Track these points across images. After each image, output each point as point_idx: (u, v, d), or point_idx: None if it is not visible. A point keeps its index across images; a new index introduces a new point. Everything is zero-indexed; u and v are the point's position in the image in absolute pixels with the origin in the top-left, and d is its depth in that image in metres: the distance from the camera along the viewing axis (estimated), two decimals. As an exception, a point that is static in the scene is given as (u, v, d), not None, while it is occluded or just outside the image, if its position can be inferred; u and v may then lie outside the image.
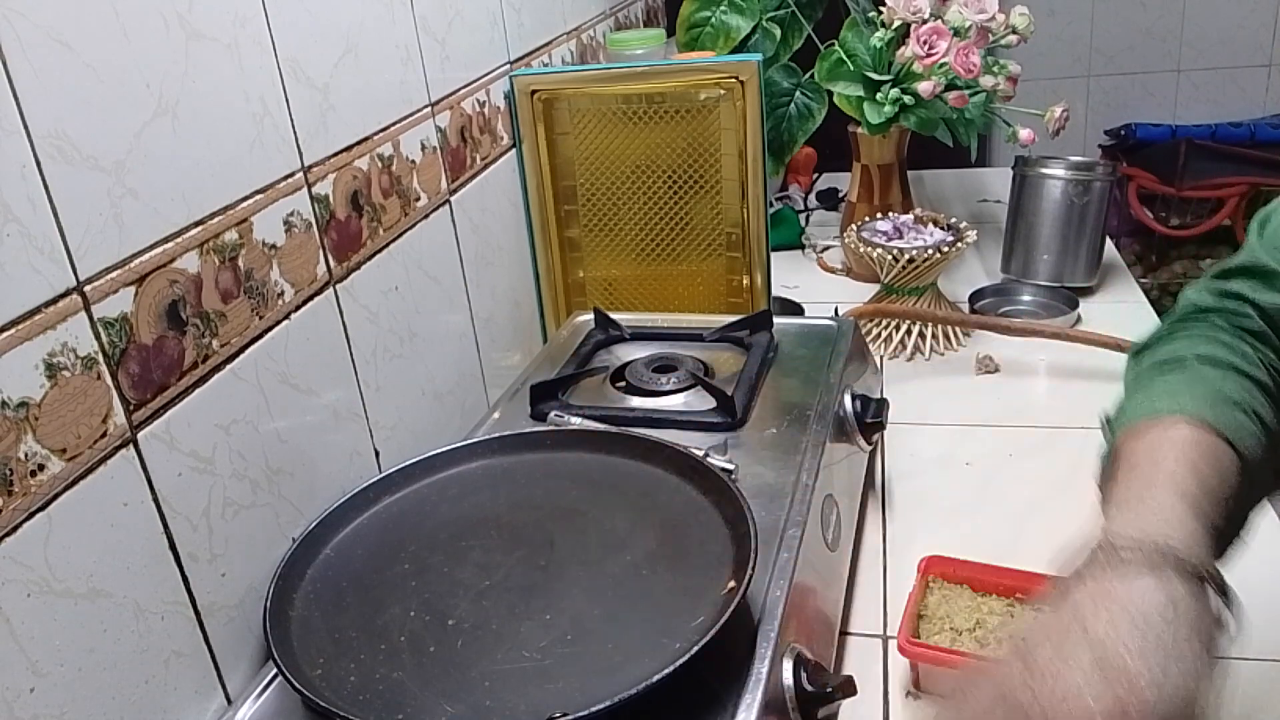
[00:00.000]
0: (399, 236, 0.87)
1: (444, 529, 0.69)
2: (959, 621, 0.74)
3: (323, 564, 0.66)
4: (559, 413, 0.86)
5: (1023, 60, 1.43)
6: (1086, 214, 1.36)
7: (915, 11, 1.29)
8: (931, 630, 0.74)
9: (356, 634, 0.60)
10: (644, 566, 0.64)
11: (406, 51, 0.88)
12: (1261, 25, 2.74)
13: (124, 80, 0.55)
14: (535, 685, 0.55)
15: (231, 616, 0.64)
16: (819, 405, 0.86)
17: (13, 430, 0.48)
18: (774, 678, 0.58)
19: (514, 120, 1.11)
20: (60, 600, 0.50)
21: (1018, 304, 1.38)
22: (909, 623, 0.73)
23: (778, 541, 0.68)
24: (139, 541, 0.56)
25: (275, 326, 0.69)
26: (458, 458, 0.76)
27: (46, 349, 0.50)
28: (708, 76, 1.06)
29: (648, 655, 0.56)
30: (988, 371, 1.20)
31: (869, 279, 1.44)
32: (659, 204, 1.13)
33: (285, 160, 0.70)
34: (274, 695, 0.61)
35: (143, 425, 0.56)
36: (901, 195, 1.52)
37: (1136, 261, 2.74)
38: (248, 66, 0.66)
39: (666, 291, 1.18)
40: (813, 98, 1.48)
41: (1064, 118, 1.33)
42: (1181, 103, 2.86)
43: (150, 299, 0.57)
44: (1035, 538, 0.63)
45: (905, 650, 0.71)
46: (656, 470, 0.73)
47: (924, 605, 0.77)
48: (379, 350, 0.83)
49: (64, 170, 0.51)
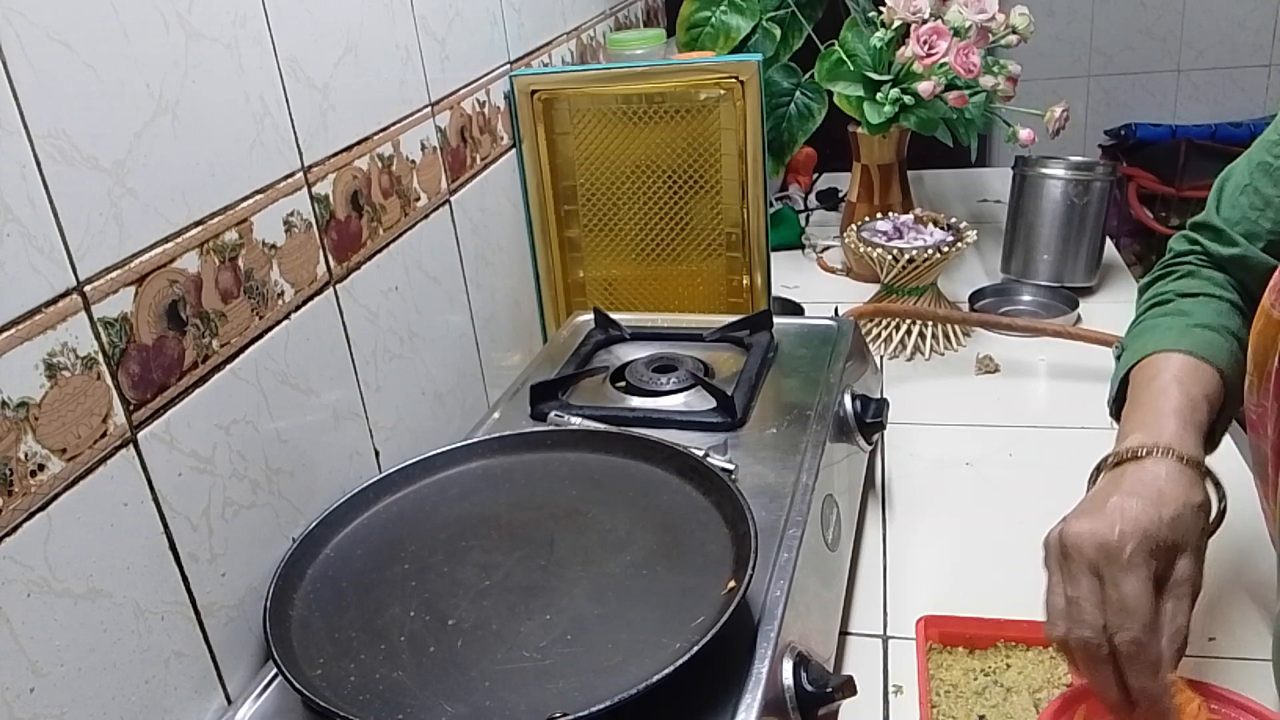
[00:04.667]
0: (399, 236, 0.87)
1: (444, 529, 0.69)
2: (964, 688, 0.72)
3: (323, 564, 0.66)
4: (559, 413, 0.86)
5: (1023, 60, 1.43)
6: (1086, 214, 1.36)
7: (915, 11, 1.29)
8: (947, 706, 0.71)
9: (356, 634, 0.60)
10: (644, 566, 0.64)
11: (406, 51, 0.88)
12: (1261, 25, 2.74)
13: (124, 80, 0.55)
14: (535, 685, 0.55)
15: (231, 616, 0.64)
16: (819, 405, 0.86)
17: (13, 430, 0.48)
18: (774, 678, 0.58)
19: (514, 120, 1.11)
20: (60, 600, 0.50)
21: (1018, 304, 1.38)
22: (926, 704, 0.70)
23: (778, 541, 0.68)
24: (139, 541, 0.56)
25: (275, 326, 0.69)
26: (458, 458, 0.76)
27: (46, 349, 0.50)
28: (708, 76, 1.06)
29: (648, 655, 0.56)
30: (988, 371, 1.20)
31: (869, 279, 1.44)
32: (659, 204, 1.13)
33: (285, 160, 0.70)
34: (274, 695, 0.61)
35: (143, 425, 0.56)
36: (901, 195, 1.52)
37: (1136, 261, 2.74)
38: (248, 66, 0.66)
39: (666, 291, 1.18)
40: (813, 98, 1.48)
41: (1064, 118, 1.33)
42: (1181, 103, 2.86)
43: (150, 299, 0.57)
44: (1035, 538, 0.63)
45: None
46: (656, 470, 0.73)
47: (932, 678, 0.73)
48: (379, 350, 0.83)
49: (64, 170, 0.51)
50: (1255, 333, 0.62)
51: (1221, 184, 0.75)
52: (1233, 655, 0.74)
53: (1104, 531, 0.55)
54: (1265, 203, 0.70)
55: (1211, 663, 0.74)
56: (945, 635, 0.76)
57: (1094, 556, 0.56)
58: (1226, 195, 0.74)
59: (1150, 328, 0.72)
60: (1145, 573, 0.55)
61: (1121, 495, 0.57)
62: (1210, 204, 0.75)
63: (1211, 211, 0.74)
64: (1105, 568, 0.55)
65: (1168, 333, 0.69)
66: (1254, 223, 0.71)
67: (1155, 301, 0.74)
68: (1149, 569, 0.55)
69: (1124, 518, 0.56)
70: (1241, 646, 0.75)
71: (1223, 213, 0.73)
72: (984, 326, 1.27)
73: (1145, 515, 0.56)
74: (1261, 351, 0.61)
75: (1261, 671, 0.71)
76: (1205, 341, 0.67)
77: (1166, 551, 0.56)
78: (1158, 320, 0.71)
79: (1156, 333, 0.70)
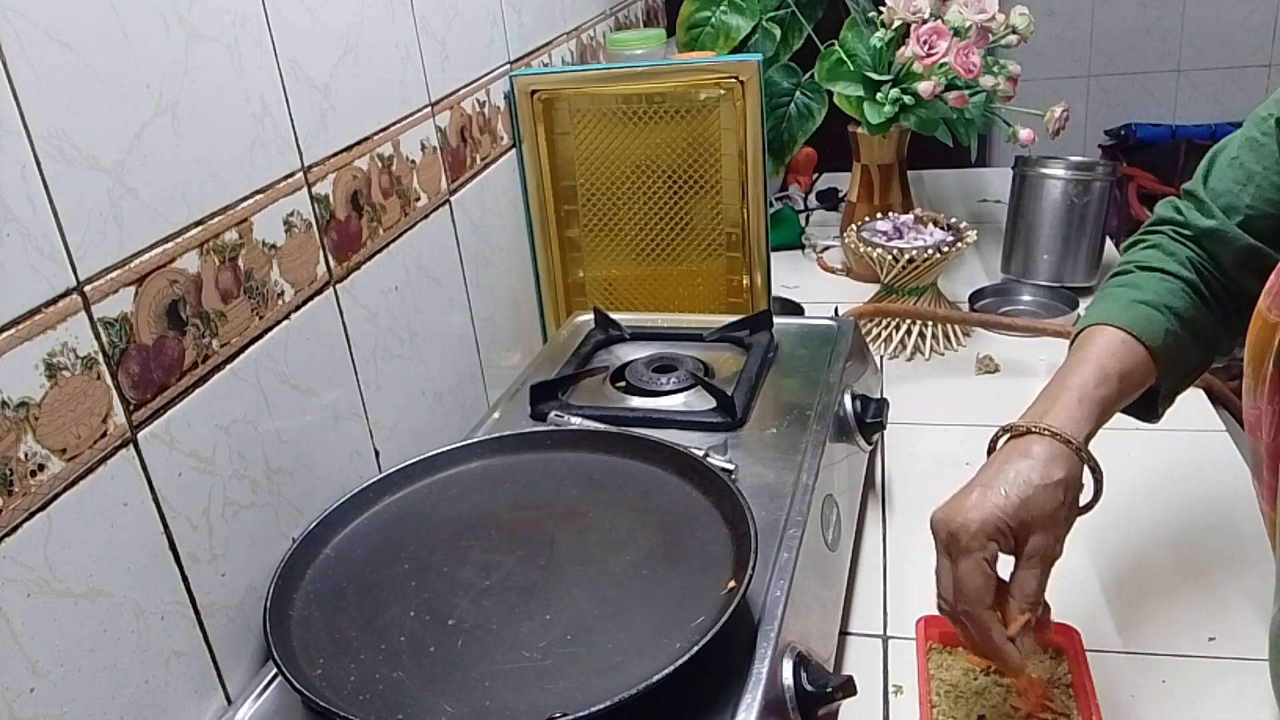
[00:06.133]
0: (399, 236, 0.87)
1: (444, 529, 0.69)
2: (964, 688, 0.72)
3: (323, 564, 0.66)
4: (559, 413, 0.86)
5: (1023, 60, 1.43)
6: (1086, 214, 1.36)
7: (915, 11, 1.29)
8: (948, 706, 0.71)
9: (356, 634, 0.60)
10: (644, 566, 0.64)
11: (406, 51, 0.88)
12: (1261, 25, 2.74)
13: (124, 80, 0.55)
14: (535, 685, 0.55)
15: (231, 616, 0.64)
16: (819, 405, 0.86)
17: (13, 430, 0.48)
18: (774, 678, 0.58)
19: (514, 120, 1.11)
20: (60, 600, 0.50)
21: (1018, 304, 1.38)
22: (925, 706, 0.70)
23: (778, 541, 0.68)
24: (139, 541, 0.56)
25: (275, 326, 0.69)
26: (458, 458, 0.76)
27: (46, 349, 0.50)
28: (708, 76, 1.06)
29: (648, 655, 0.56)
30: (988, 371, 1.20)
31: (869, 279, 1.44)
32: (659, 204, 1.13)
33: (285, 160, 0.70)
34: (274, 695, 0.61)
35: (143, 425, 0.56)
36: (901, 195, 1.52)
37: (1136, 261, 2.73)
38: (248, 66, 0.66)
39: (666, 291, 1.18)
40: (813, 98, 1.48)
41: (1064, 118, 1.33)
42: (1181, 103, 2.86)
43: (150, 299, 0.57)
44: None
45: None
46: (656, 470, 0.73)
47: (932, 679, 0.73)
48: (379, 350, 0.83)
49: (64, 170, 0.51)
50: (1251, 336, 0.62)
51: (1214, 155, 0.76)
52: (1231, 655, 0.74)
53: (952, 519, 0.63)
54: (1248, 177, 0.71)
55: (1210, 662, 0.74)
56: (945, 635, 0.76)
57: (945, 540, 0.63)
58: (1216, 167, 0.74)
59: (1104, 296, 0.75)
60: (980, 556, 0.62)
61: (982, 481, 0.64)
62: (1200, 173, 0.76)
63: (1199, 181, 0.75)
64: (952, 550, 0.63)
65: (1112, 304, 0.72)
66: (1235, 196, 0.71)
67: (1119, 270, 0.77)
68: (984, 552, 0.62)
69: (972, 506, 0.63)
70: (1240, 646, 0.75)
71: (1210, 183, 0.74)
72: (984, 326, 1.27)
73: (991, 503, 0.62)
74: (1257, 355, 0.61)
75: (1259, 671, 0.71)
76: (1143, 317, 0.70)
77: (1016, 530, 0.62)
78: (1112, 290, 0.74)
79: (1105, 303, 0.73)
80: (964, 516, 0.62)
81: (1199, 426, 1.04)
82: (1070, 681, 0.71)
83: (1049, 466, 0.63)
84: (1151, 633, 0.77)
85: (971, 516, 0.62)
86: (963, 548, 0.62)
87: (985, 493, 0.63)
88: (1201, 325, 0.72)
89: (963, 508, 0.63)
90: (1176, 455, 0.98)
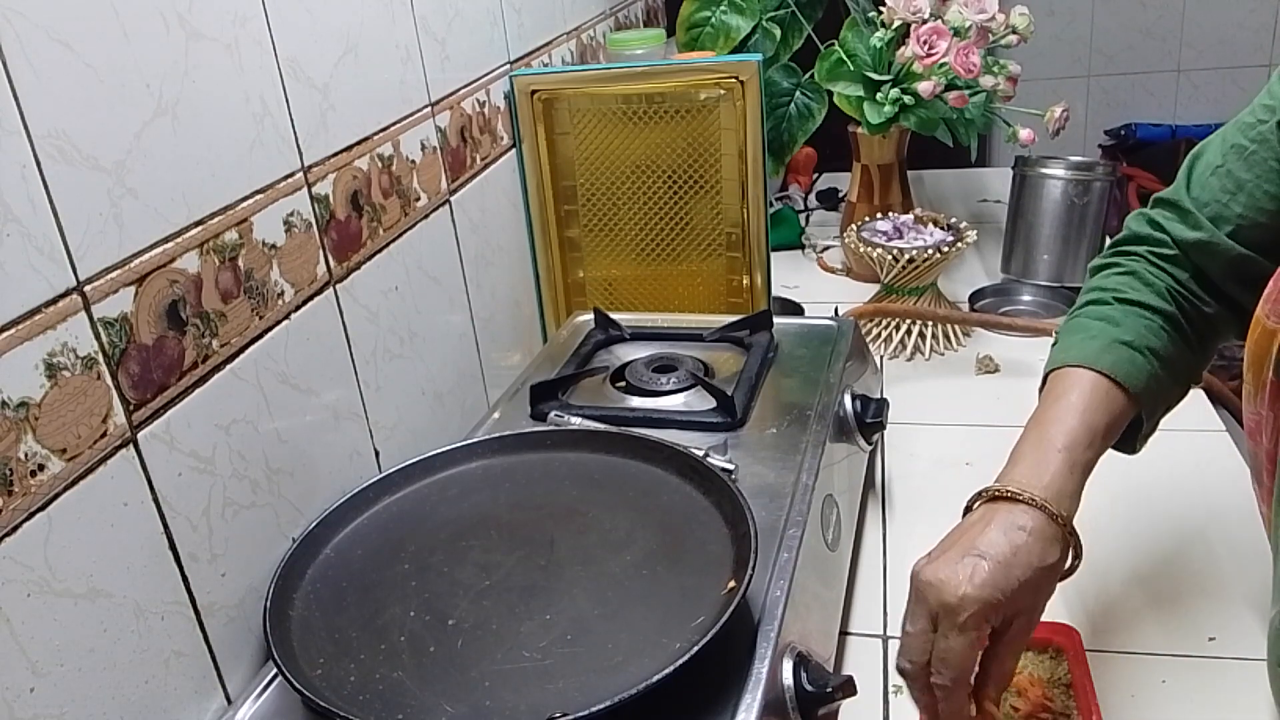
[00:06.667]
0: (399, 236, 0.87)
1: (444, 529, 0.69)
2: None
3: (323, 564, 0.66)
4: (559, 413, 0.86)
5: (1023, 60, 1.43)
6: (1086, 214, 1.36)
7: (915, 11, 1.29)
8: None
9: (356, 634, 0.60)
10: (644, 566, 0.64)
11: (406, 51, 0.88)
12: (1261, 25, 2.74)
13: (124, 80, 0.55)
14: (535, 685, 0.55)
15: (231, 616, 0.64)
16: (819, 405, 0.86)
17: (13, 430, 0.48)
18: (774, 678, 0.58)
19: (514, 120, 1.11)
20: (60, 600, 0.50)
21: (1018, 304, 1.38)
22: None
23: (778, 541, 0.68)
24: (139, 541, 0.56)
25: (275, 326, 0.69)
26: (458, 458, 0.76)
27: (46, 349, 0.50)
28: (708, 76, 1.06)
29: (648, 655, 0.56)
30: (988, 371, 1.20)
31: (869, 279, 1.44)
32: (659, 204, 1.13)
33: (285, 160, 0.70)
34: (274, 695, 0.61)
35: (143, 425, 0.56)
36: (901, 195, 1.52)
37: (1136, 261, 2.74)
38: (248, 66, 0.66)
39: (666, 291, 1.18)
40: (813, 98, 1.48)
41: (1064, 118, 1.33)
42: (1181, 103, 2.86)
43: (150, 299, 0.57)
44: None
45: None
46: (656, 470, 0.73)
47: None
48: (379, 350, 0.83)
49: (64, 170, 0.51)
50: (1250, 343, 0.62)
51: (1192, 162, 0.73)
52: (1230, 656, 0.74)
53: (949, 589, 0.59)
54: (1237, 186, 0.68)
55: (1209, 663, 0.74)
56: None
57: (935, 608, 0.59)
58: (1197, 175, 0.72)
59: (1080, 327, 0.71)
60: (974, 635, 0.59)
61: (979, 550, 0.60)
62: (1179, 182, 0.73)
63: (1180, 190, 0.72)
64: (941, 621, 0.59)
65: (1091, 342, 0.69)
66: (1224, 206, 0.69)
67: (1092, 298, 0.73)
68: (980, 631, 0.59)
69: (972, 580, 0.58)
70: (1239, 647, 0.75)
71: (1192, 192, 0.71)
72: (984, 326, 1.27)
73: (992, 581, 0.58)
74: (1257, 361, 0.61)
75: (1258, 672, 0.71)
76: (1126, 360, 0.67)
77: (1006, 611, 0.59)
78: (1088, 322, 0.71)
79: (1083, 340, 0.69)
80: (962, 591, 0.58)
81: (1199, 426, 1.04)
82: (1070, 681, 0.71)
83: (1047, 548, 0.60)
84: (1151, 633, 0.77)
85: (970, 594, 0.58)
86: (959, 625, 0.58)
87: (983, 566, 0.59)
88: (1179, 363, 0.70)
89: (958, 579, 0.59)
90: (1176, 455, 0.98)
